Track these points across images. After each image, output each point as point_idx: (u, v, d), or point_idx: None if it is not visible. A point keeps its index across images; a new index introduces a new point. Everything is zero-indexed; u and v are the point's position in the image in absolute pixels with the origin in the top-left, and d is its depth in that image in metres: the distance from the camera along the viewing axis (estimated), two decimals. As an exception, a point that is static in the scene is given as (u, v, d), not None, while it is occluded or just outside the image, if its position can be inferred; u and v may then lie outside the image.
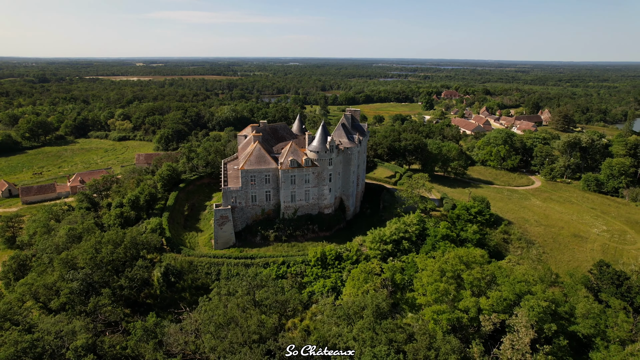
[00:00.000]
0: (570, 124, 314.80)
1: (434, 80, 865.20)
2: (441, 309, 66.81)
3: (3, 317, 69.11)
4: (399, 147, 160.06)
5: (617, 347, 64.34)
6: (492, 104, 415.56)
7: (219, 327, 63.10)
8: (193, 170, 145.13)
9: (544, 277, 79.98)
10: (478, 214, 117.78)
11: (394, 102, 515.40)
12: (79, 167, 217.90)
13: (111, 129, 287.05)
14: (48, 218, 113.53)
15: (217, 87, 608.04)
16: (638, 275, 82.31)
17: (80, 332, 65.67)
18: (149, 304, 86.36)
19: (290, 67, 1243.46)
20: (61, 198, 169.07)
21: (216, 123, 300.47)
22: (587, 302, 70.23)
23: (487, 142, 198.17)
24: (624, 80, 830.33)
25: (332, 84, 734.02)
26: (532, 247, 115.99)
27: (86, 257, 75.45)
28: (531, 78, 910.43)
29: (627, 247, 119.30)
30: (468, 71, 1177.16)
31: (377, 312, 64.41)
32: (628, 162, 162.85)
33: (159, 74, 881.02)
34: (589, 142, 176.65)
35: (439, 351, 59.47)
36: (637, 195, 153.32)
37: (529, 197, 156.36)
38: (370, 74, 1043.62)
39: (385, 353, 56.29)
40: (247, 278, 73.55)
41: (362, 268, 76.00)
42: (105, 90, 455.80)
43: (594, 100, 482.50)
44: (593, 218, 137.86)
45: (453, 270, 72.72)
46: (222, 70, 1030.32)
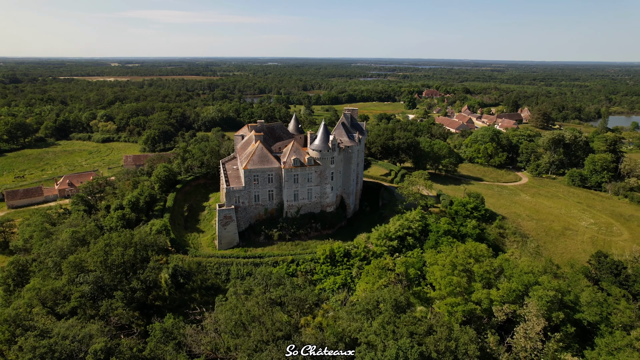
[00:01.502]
0: (549, 122, 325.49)
1: (413, 79, 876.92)
2: (456, 301, 68.87)
3: (13, 323, 67.43)
4: (392, 145, 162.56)
5: (621, 333, 67.66)
6: (473, 103, 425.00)
7: (241, 326, 63.28)
8: (188, 171, 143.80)
9: (548, 268, 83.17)
10: (474, 209, 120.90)
11: (376, 102, 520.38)
12: (64, 170, 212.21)
13: (94, 131, 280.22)
14: (43, 222, 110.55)
15: (197, 88, 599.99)
16: (632, 264, 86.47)
17: (97, 335, 64.80)
18: (158, 306, 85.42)
19: (270, 67, 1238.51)
20: (48, 202, 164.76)
21: (202, 123, 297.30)
22: (591, 291, 73.50)
23: (475, 140, 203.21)
24: (594, 80, 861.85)
25: (314, 83, 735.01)
26: (527, 240, 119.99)
27: (97, 260, 74.18)
28: (507, 77, 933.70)
29: (614, 239, 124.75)
30: (445, 70, 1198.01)
31: (396, 306, 65.82)
32: (609, 158, 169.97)
33: (136, 75, 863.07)
34: (572, 138, 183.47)
35: (458, 341, 61.29)
36: (619, 189, 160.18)
37: (519, 192, 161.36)
38: (350, 73, 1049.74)
39: (410, 345, 57.68)
40: (262, 277, 73.82)
41: (375, 264, 77.38)
42: (83, 91, 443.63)
43: (568, 98, 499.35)
44: (580, 212, 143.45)
45: (463, 264, 74.94)
46: (200, 71, 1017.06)
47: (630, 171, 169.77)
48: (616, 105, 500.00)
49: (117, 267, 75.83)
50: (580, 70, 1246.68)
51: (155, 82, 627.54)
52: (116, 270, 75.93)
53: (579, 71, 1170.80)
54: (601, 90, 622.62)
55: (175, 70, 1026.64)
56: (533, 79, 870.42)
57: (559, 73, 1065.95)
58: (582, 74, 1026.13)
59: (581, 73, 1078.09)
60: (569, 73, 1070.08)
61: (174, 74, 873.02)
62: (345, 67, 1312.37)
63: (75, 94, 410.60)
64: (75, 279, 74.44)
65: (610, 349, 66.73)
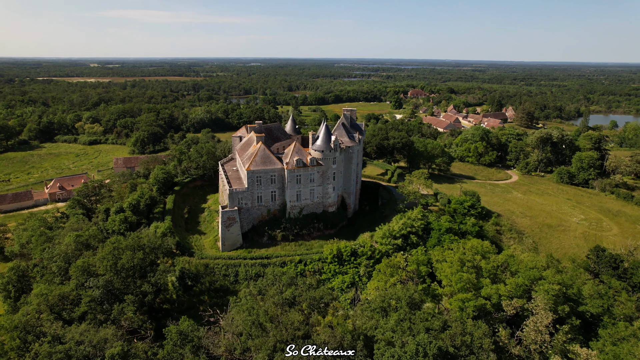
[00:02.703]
0: (532, 121, 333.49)
1: (396, 79, 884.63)
2: (467, 297, 70.55)
3: (24, 330, 66.21)
4: (387, 145, 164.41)
5: (624, 324, 70.41)
6: (458, 102, 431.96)
7: (259, 327, 63.54)
8: (185, 173, 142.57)
9: (550, 263, 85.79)
10: (471, 207, 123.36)
11: (362, 102, 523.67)
12: (51, 173, 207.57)
13: (79, 133, 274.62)
14: (40, 226, 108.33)
15: (182, 89, 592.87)
16: (628, 258, 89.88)
17: (112, 340, 64.19)
18: (166, 309, 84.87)
19: (253, 68, 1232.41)
20: (39, 205, 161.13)
21: (190, 125, 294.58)
22: (593, 284, 76.23)
23: (465, 139, 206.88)
24: (571, 79, 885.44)
25: (299, 84, 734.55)
26: (523, 237, 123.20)
27: (106, 264, 73.28)
28: (488, 77, 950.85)
29: (605, 234, 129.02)
30: (428, 70, 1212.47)
31: (411, 303, 67.14)
32: (595, 156, 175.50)
33: (117, 75, 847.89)
34: (559, 137, 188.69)
35: (473, 336, 62.93)
36: (605, 186, 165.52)
37: (510, 190, 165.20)
38: (334, 74, 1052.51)
39: (428, 341, 58.96)
40: (275, 277, 74.14)
41: (386, 262, 78.56)
42: (65, 92, 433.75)
43: (549, 98, 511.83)
44: (571, 208, 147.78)
45: (472, 261, 76.78)
46: (183, 71, 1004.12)
47: (616, 168, 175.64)
48: (594, 104, 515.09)
49: (127, 271, 75.07)
50: (557, 70, 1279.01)
51: (139, 83, 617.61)
52: (126, 274, 75.14)
53: (556, 71, 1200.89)
54: (579, 90, 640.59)
55: (157, 71, 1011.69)
56: (514, 78, 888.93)
57: (537, 73, 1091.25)
58: (560, 74, 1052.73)
59: (559, 73, 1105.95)
60: (547, 73, 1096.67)
61: (156, 75, 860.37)
62: (329, 68, 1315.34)
63: (57, 95, 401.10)
64: (84, 284, 73.33)
65: (613, 340, 69.37)
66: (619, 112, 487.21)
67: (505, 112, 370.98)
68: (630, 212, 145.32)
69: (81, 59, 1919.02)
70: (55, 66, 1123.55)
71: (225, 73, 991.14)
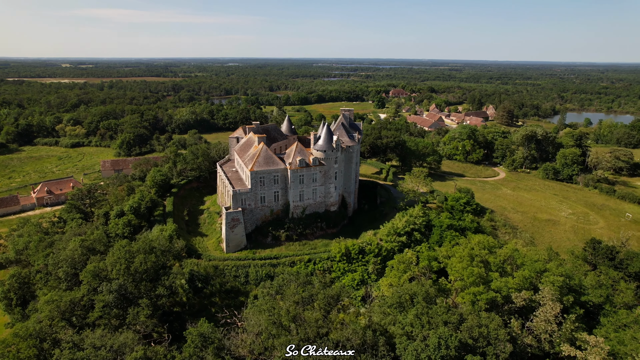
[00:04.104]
0: (512, 119, 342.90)
1: (376, 79, 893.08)
2: (479, 290, 72.85)
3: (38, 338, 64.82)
4: (380, 144, 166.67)
5: (625, 311, 74.14)
6: (439, 102, 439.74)
7: (280, 326, 64.07)
8: (181, 175, 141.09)
9: (551, 256, 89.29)
10: (466, 204, 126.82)
11: (345, 101, 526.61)
12: (34, 177, 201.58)
13: (60, 135, 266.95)
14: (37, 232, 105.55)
15: (161, 89, 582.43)
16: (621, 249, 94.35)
17: (131, 344, 63.61)
18: (177, 312, 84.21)
19: (232, 68, 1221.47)
20: (26, 211, 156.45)
21: (176, 126, 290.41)
22: (594, 275, 79.84)
23: (453, 137, 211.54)
24: (544, 79, 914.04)
25: (279, 84, 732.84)
26: (517, 231, 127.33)
27: (120, 268, 72.29)
28: (465, 76, 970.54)
29: (592, 227, 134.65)
30: (406, 70, 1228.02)
31: (427, 298, 68.95)
32: (578, 152, 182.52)
33: (92, 76, 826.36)
34: (544, 134, 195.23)
35: (489, 327, 65.18)
36: (588, 181, 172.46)
37: (500, 186, 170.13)
38: (314, 73, 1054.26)
39: (449, 334, 60.85)
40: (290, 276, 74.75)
41: (399, 258, 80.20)
42: (40, 93, 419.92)
43: (526, 97, 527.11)
44: (558, 203, 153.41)
45: (480, 255, 79.25)
46: (161, 72, 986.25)
47: (597, 164, 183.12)
48: (568, 102, 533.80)
49: (141, 274, 74.26)
50: (530, 69, 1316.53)
51: (116, 84, 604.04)
52: (139, 278, 74.32)
53: (529, 70, 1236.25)
54: (552, 88, 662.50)
55: (134, 71, 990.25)
56: (490, 77, 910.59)
57: (512, 72, 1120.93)
58: (533, 73, 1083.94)
59: (532, 72, 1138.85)
60: (521, 72, 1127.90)
61: (133, 76, 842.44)
62: (308, 68, 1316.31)
63: (32, 96, 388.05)
64: (97, 288, 72.16)
65: (616, 327, 72.98)
66: (591, 110, 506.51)
67: (486, 111, 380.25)
68: (613, 206, 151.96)
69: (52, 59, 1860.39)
70: (25, 66, 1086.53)
71: (203, 73, 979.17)
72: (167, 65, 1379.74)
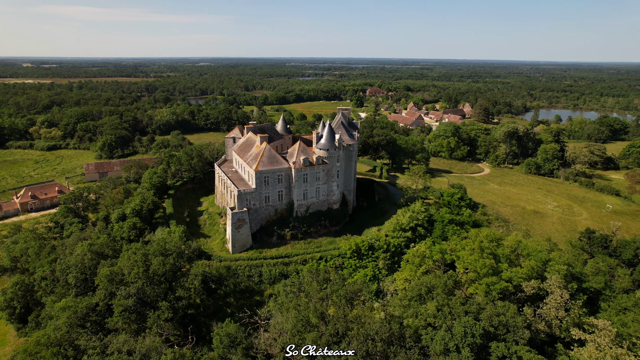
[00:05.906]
0: (489, 116, 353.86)
1: (350, 78, 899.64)
2: (493, 281, 75.95)
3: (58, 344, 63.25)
4: (372, 142, 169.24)
5: (625, 296, 79.01)
6: (416, 100, 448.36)
7: (308, 323, 64.95)
8: (175, 176, 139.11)
9: (552, 246, 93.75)
10: (460, 199, 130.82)
11: (323, 101, 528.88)
12: (10, 182, 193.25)
13: (35, 138, 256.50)
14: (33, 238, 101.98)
15: (134, 90, 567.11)
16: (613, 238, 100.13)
17: (158, 348, 63.09)
18: (192, 314, 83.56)
19: (204, 67, 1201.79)
20: (9, 217, 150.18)
21: (157, 127, 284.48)
22: (594, 262, 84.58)
23: (438, 135, 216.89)
24: (512, 77, 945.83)
25: (255, 84, 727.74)
26: (509, 224, 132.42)
27: (138, 271, 71.19)
28: (437, 75, 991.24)
29: (577, 218, 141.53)
30: (379, 69, 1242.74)
31: (446, 289, 71.39)
32: (557, 147, 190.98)
33: (58, 76, 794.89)
34: (525, 131, 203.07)
35: (507, 315, 68.24)
36: (568, 175, 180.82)
37: (487, 182, 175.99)
38: (287, 73, 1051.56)
39: (472, 323, 63.43)
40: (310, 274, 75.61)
41: (413, 252, 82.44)
42: (5, 94, 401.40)
43: (497, 95, 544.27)
44: (543, 196, 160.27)
45: (489, 248, 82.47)
46: (131, 72, 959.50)
47: (575, 158, 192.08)
48: (537, 100, 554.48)
49: (160, 277, 73.40)
50: (498, 68, 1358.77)
51: (86, 85, 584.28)
52: (158, 280, 73.44)
53: (497, 69, 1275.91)
54: (522, 86, 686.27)
55: (102, 71, 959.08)
56: (461, 76, 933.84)
57: (481, 71, 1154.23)
58: (502, 72, 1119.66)
59: (500, 71, 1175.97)
60: (490, 70, 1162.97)
61: (102, 76, 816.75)
62: (281, 67, 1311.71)
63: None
64: (117, 293, 70.84)
65: (617, 311, 77.70)
66: (559, 107, 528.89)
67: (463, 109, 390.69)
68: (594, 198, 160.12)
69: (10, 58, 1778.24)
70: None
71: (175, 73, 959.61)
72: (136, 65, 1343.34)
